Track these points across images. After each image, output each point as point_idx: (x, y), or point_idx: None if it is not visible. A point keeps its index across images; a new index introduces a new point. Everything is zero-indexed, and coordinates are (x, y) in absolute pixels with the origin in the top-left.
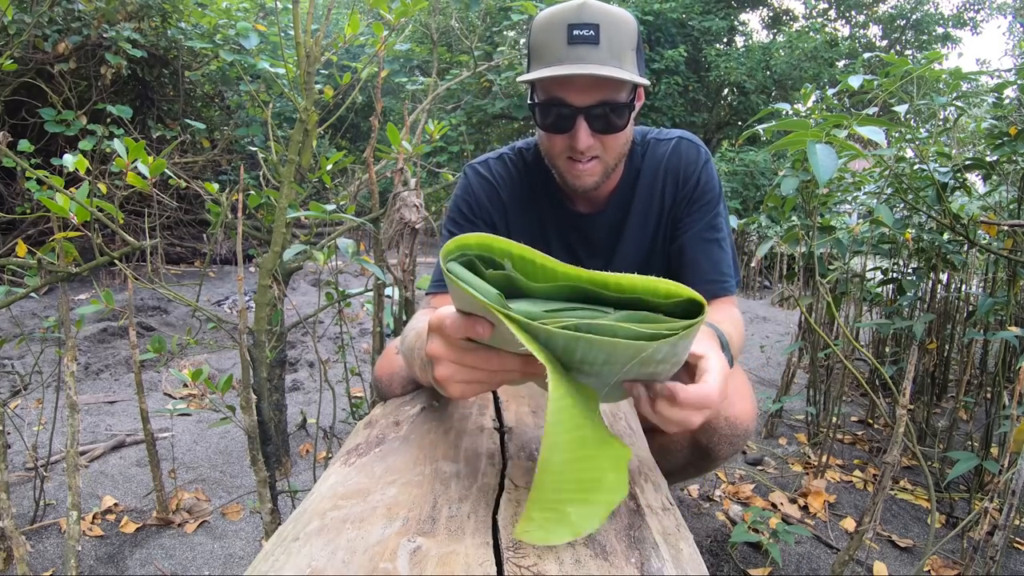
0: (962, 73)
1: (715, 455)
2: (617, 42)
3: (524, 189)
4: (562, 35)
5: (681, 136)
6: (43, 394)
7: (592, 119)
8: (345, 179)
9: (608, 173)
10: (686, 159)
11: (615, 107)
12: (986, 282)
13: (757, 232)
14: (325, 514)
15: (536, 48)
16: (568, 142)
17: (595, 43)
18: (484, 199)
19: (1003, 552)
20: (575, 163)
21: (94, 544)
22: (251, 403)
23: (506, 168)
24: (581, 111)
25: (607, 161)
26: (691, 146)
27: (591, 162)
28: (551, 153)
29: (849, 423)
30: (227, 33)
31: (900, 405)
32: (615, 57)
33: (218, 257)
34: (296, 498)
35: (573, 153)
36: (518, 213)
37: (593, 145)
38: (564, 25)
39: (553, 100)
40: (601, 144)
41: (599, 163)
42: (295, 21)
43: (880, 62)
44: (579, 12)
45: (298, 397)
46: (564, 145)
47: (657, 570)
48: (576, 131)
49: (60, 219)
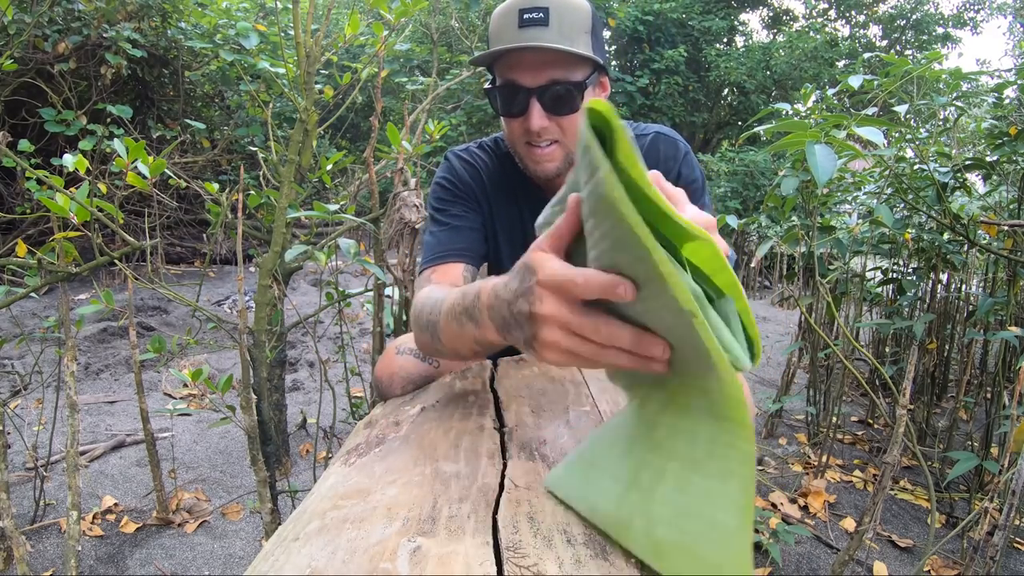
0: (962, 73)
1: None
2: (568, 24)
3: (503, 176)
4: (513, 19)
5: (658, 131)
6: (43, 394)
7: (544, 99)
8: (345, 179)
9: (570, 159)
10: (664, 154)
11: (568, 87)
12: (986, 282)
13: (757, 232)
14: (325, 514)
15: (492, 35)
16: (524, 125)
17: (544, 24)
18: (468, 178)
19: (1003, 552)
20: (533, 148)
21: (94, 544)
22: (251, 403)
23: (487, 155)
24: (533, 92)
25: (567, 145)
26: (669, 141)
27: (551, 147)
28: (512, 139)
29: (849, 423)
30: (227, 33)
31: (900, 405)
32: (566, 38)
33: (218, 257)
34: (296, 498)
35: (530, 136)
36: (500, 200)
37: (548, 127)
38: (516, 10)
39: (506, 83)
40: (559, 127)
41: (559, 148)
42: (295, 21)
43: (880, 62)
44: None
45: (298, 397)
46: (521, 129)
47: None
48: (529, 112)
49: (60, 219)
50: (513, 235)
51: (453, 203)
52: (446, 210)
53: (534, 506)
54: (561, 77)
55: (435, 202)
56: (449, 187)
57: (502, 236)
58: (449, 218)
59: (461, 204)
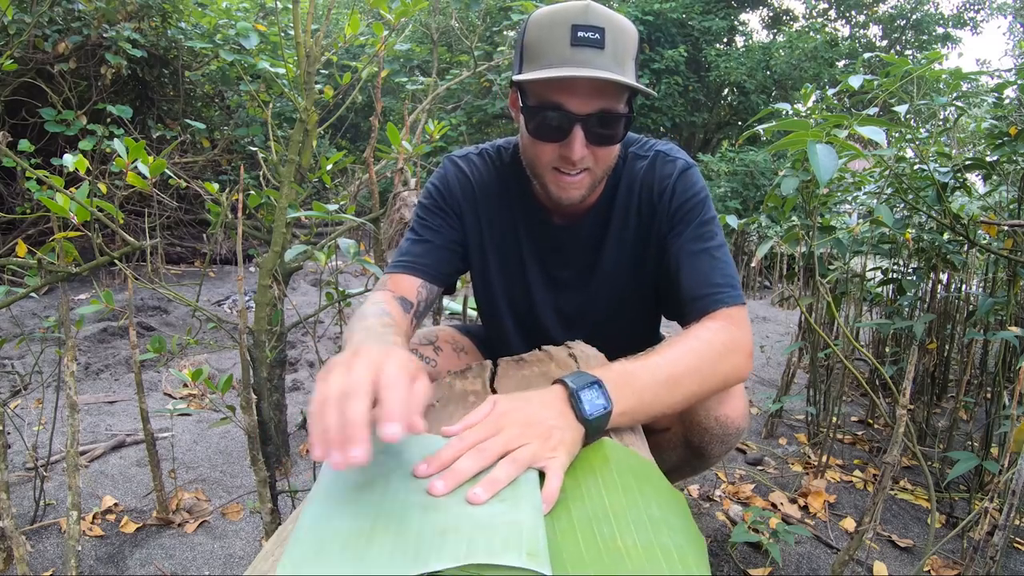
0: (962, 73)
1: (708, 455)
2: (622, 48)
3: (501, 188)
4: (565, 35)
5: (659, 151)
6: (43, 394)
7: (589, 129)
8: (345, 179)
9: (595, 187)
10: (660, 174)
11: (614, 117)
12: (986, 282)
13: (757, 232)
14: None
15: (533, 47)
16: (559, 152)
17: (600, 47)
18: (457, 190)
19: (1003, 552)
20: (563, 175)
21: (94, 544)
22: (251, 403)
23: (485, 164)
24: (579, 119)
25: (596, 174)
26: (666, 160)
27: (580, 174)
28: (538, 162)
29: (849, 423)
30: (227, 33)
31: (900, 405)
32: (619, 64)
33: (218, 257)
34: (296, 498)
35: (563, 164)
36: (493, 211)
37: (586, 156)
38: (568, 25)
39: (549, 105)
40: (593, 156)
41: (588, 175)
42: (295, 21)
43: (880, 62)
44: (585, 14)
45: (298, 397)
46: (554, 155)
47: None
48: (571, 141)
49: (60, 219)
50: (505, 248)
51: (435, 214)
52: (426, 220)
53: None
54: (610, 107)
55: (419, 208)
56: (436, 196)
57: (491, 249)
58: (424, 230)
59: (442, 217)
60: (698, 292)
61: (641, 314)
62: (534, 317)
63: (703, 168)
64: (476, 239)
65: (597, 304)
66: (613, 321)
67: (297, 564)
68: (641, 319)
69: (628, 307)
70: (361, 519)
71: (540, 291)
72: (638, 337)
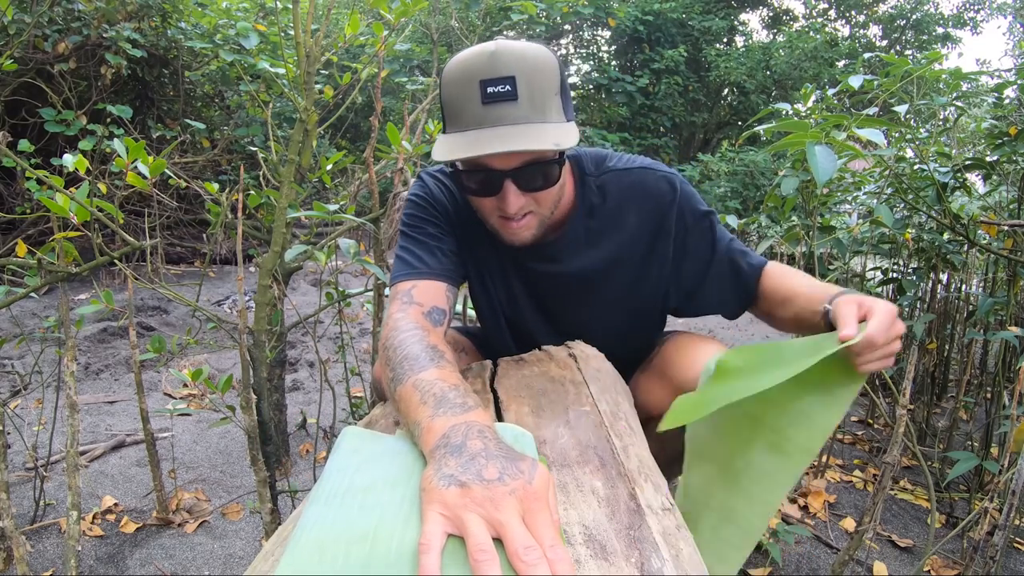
0: (962, 73)
1: None
2: (539, 90)
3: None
4: (475, 93)
5: (645, 167)
6: (43, 394)
7: (520, 180)
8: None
9: (545, 223)
10: (657, 190)
11: (543, 165)
12: (986, 282)
13: (757, 232)
14: None
15: (449, 106)
16: (497, 203)
17: (513, 99)
18: (443, 200)
19: (1003, 552)
20: (508, 222)
21: (94, 544)
22: (251, 403)
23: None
24: (507, 174)
25: (542, 214)
26: (659, 179)
27: (525, 218)
28: (482, 214)
29: (849, 423)
30: (227, 33)
31: (900, 405)
32: (537, 111)
33: (218, 257)
34: (296, 498)
35: (504, 213)
36: (472, 239)
37: (525, 203)
38: (476, 82)
39: (475, 167)
40: (534, 200)
41: (533, 217)
42: (295, 21)
43: (880, 62)
44: (492, 64)
45: (298, 397)
46: (493, 206)
47: (657, 570)
48: (505, 194)
49: (60, 219)
50: (486, 274)
51: (428, 222)
52: (421, 228)
53: None
54: (536, 158)
55: (408, 219)
56: (424, 205)
57: (474, 275)
58: (425, 236)
59: (435, 225)
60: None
61: (644, 323)
62: (523, 323)
63: (703, 168)
64: (465, 244)
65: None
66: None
67: (298, 565)
68: (642, 326)
69: (625, 319)
70: (364, 521)
71: (524, 299)
72: (636, 338)
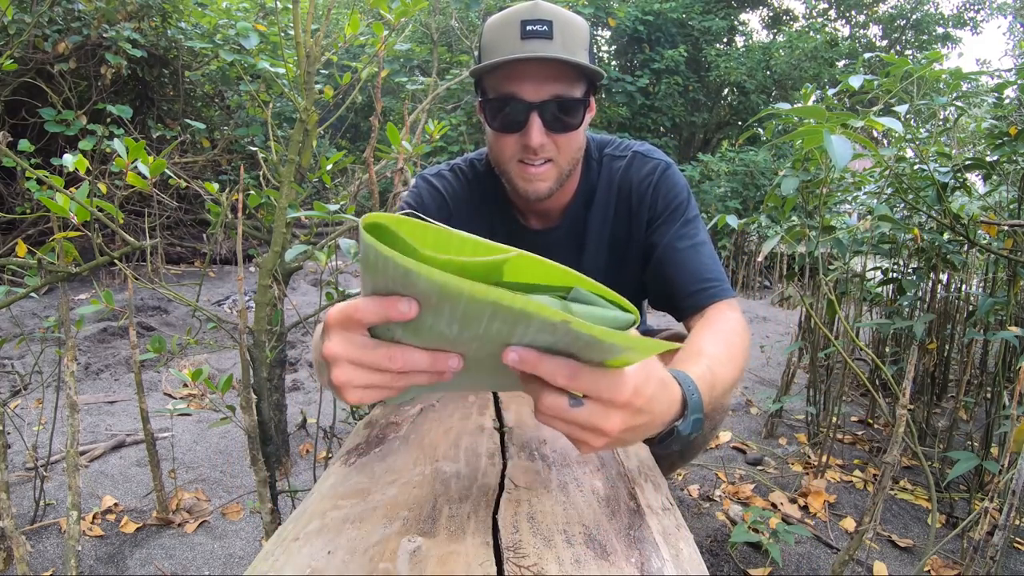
0: (962, 73)
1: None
2: (571, 38)
3: (473, 200)
4: (515, 31)
5: (636, 151)
6: (43, 394)
7: (545, 115)
8: (345, 179)
9: (562, 180)
10: (640, 175)
11: (570, 103)
12: (986, 282)
13: (757, 232)
14: (325, 514)
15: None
16: (520, 142)
17: (549, 37)
18: (432, 207)
19: (1003, 552)
20: (527, 167)
21: (94, 544)
22: (251, 403)
23: (456, 179)
24: (534, 107)
25: (561, 165)
26: (644, 161)
27: (544, 165)
28: (502, 157)
29: (849, 423)
30: (227, 33)
31: (900, 405)
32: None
33: (218, 257)
34: (296, 498)
35: (525, 155)
36: (468, 222)
37: (546, 144)
38: (517, 21)
39: (504, 96)
40: (555, 145)
41: (553, 167)
42: (295, 21)
43: (880, 62)
44: (532, 9)
45: (298, 397)
46: (516, 146)
47: (657, 570)
48: (529, 128)
49: (60, 219)
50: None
51: None
52: None
53: (534, 506)
54: (564, 93)
55: None
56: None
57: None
58: None
59: None
60: (695, 287)
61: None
62: None
63: (703, 168)
64: None
65: None
66: None
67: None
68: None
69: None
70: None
71: None
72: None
